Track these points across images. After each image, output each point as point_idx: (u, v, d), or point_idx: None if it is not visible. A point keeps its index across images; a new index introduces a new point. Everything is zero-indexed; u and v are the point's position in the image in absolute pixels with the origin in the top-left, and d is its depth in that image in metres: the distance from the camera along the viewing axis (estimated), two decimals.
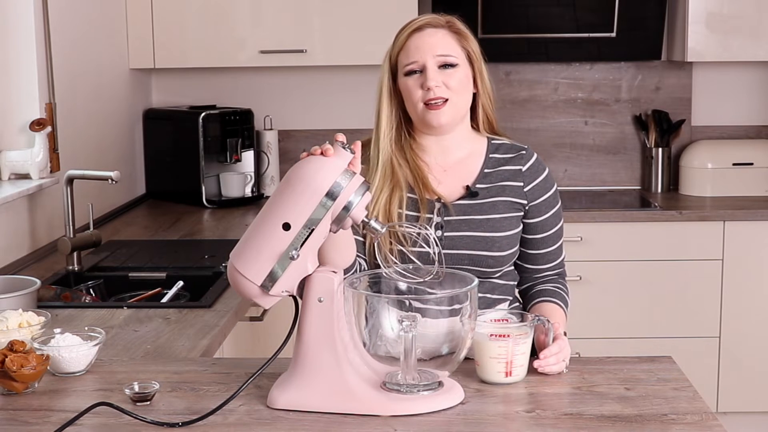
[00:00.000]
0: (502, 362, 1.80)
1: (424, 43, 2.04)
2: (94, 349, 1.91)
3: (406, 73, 2.05)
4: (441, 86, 2.02)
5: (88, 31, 3.68)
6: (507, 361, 1.80)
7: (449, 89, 2.03)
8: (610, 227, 3.92)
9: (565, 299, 2.14)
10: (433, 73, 2.02)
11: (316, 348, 1.70)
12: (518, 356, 1.82)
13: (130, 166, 4.15)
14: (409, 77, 2.04)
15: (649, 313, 3.95)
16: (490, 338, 1.81)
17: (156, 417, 1.67)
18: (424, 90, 2.03)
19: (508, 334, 1.81)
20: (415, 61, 2.03)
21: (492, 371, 1.82)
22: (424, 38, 2.04)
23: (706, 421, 1.65)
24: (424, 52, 2.03)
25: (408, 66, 2.04)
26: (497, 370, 1.81)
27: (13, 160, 3.14)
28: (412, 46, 2.04)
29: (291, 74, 4.38)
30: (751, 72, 4.38)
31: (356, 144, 1.74)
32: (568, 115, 4.45)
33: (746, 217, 3.89)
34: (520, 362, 1.82)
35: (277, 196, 1.69)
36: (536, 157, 2.14)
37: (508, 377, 1.81)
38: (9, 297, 2.26)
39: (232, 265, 1.70)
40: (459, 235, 2.05)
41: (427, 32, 2.05)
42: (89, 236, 2.98)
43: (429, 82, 2.01)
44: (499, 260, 2.06)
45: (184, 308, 2.53)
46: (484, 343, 1.81)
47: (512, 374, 1.82)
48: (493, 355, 1.81)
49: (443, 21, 2.07)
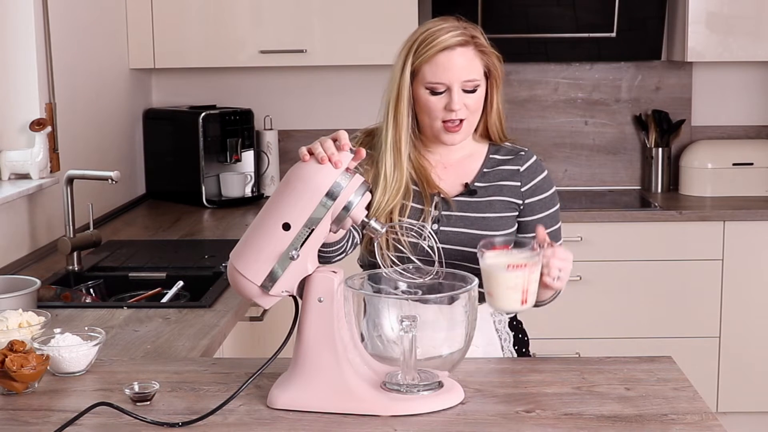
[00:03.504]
0: (518, 291, 1.85)
1: (454, 65, 2.04)
2: (94, 349, 1.91)
3: (430, 89, 2.05)
4: (463, 108, 2.06)
5: (88, 31, 3.68)
6: (524, 290, 1.85)
7: (468, 109, 2.07)
8: (610, 227, 3.92)
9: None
10: (458, 96, 2.04)
11: (316, 348, 1.70)
12: (533, 284, 1.87)
13: (130, 166, 4.15)
14: (432, 94, 2.06)
15: (649, 313, 3.95)
16: (508, 269, 1.84)
17: (156, 417, 1.67)
18: (446, 111, 2.05)
19: (525, 263, 1.85)
20: (442, 82, 2.04)
21: (509, 300, 1.86)
22: (454, 59, 2.04)
23: (706, 421, 1.65)
24: (452, 75, 2.04)
25: (434, 84, 2.05)
26: (514, 299, 1.86)
27: (13, 160, 3.14)
28: (440, 65, 2.04)
29: (291, 74, 4.38)
30: (751, 72, 4.38)
31: (359, 150, 1.73)
32: (568, 115, 4.45)
33: (746, 217, 3.89)
34: (534, 289, 1.88)
35: (277, 196, 1.69)
36: (535, 159, 2.18)
37: (524, 305, 1.87)
38: (9, 297, 2.26)
39: (232, 265, 1.70)
40: (454, 230, 2.08)
41: (457, 52, 2.04)
42: (89, 236, 2.98)
43: (454, 106, 2.04)
44: None
45: (184, 308, 2.53)
46: (501, 275, 1.85)
47: (527, 302, 1.87)
48: (510, 286, 1.85)
49: (470, 36, 2.06)
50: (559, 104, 4.45)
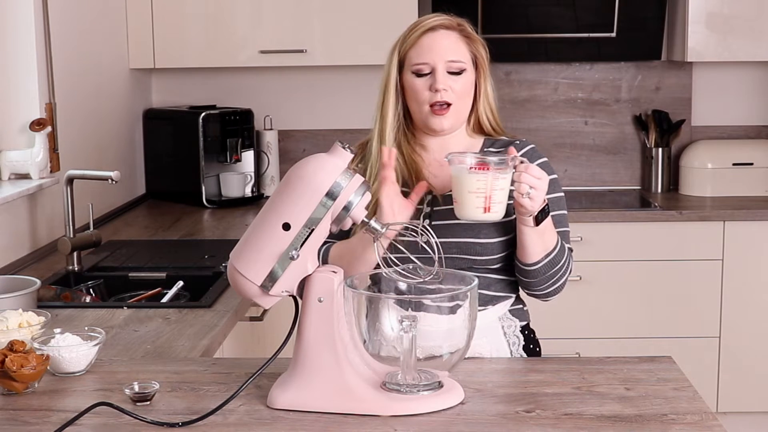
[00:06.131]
0: (480, 197, 1.83)
1: (438, 45, 2.06)
2: (94, 349, 1.91)
3: (415, 72, 2.07)
4: (448, 90, 2.05)
5: (88, 31, 3.68)
6: (486, 196, 1.82)
7: (454, 93, 2.06)
8: (610, 227, 3.92)
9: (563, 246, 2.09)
10: (442, 77, 2.05)
11: (316, 348, 1.70)
12: (497, 192, 1.84)
13: (130, 166, 4.15)
14: (418, 77, 2.07)
15: (649, 313, 3.95)
16: (470, 171, 1.83)
17: (156, 417, 1.67)
18: (431, 92, 2.06)
19: (488, 167, 1.83)
20: (426, 62, 2.06)
21: (471, 206, 1.85)
22: (438, 40, 2.07)
23: (706, 421, 1.65)
24: (436, 55, 2.06)
25: (418, 66, 2.06)
26: (476, 206, 1.84)
27: (13, 160, 3.14)
28: (425, 46, 2.06)
29: (291, 74, 4.38)
30: (751, 72, 4.38)
31: (386, 150, 1.75)
32: (568, 115, 4.45)
33: (746, 217, 3.89)
34: (499, 198, 1.85)
35: (277, 196, 1.69)
36: (532, 147, 2.15)
37: (486, 213, 1.84)
38: (9, 297, 2.26)
39: (232, 265, 1.70)
40: (446, 223, 2.06)
41: (441, 34, 2.07)
42: (89, 236, 2.98)
43: (438, 85, 2.04)
44: (487, 248, 2.06)
45: (184, 308, 2.53)
46: (463, 176, 1.84)
47: (490, 210, 1.84)
48: (472, 190, 1.83)
49: (455, 23, 2.09)
50: (559, 104, 4.45)
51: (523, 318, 2.16)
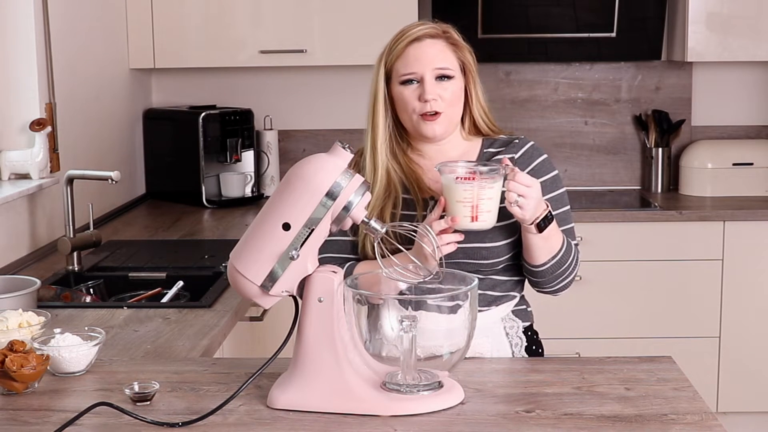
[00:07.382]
0: (467, 206, 1.84)
1: (424, 54, 2.05)
2: (94, 349, 1.91)
3: (403, 82, 2.06)
4: (437, 99, 2.04)
5: (88, 31, 3.68)
6: (473, 205, 1.83)
7: (443, 101, 2.05)
8: (610, 227, 3.92)
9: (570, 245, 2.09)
10: (430, 86, 2.04)
11: (316, 348, 1.70)
12: (484, 201, 1.85)
13: (130, 166, 4.15)
14: (406, 87, 2.06)
15: (649, 313, 3.95)
16: (456, 181, 1.85)
17: (156, 417, 1.67)
18: (420, 102, 2.05)
19: (474, 176, 1.85)
20: (414, 72, 2.05)
21: (459, 215, 1.86)
22: (424, 49, 2.06)
23: (706, 421, 1.65)
24: (423, 64, 2.05)
25: (406, 76, 2.06)
26: (463, 215, 1.85)
27: (13, 160, 3.14)
28: (411, 57, 2.05)
29: (291, 74, 4.38)
30: (751, 72, 4.38)
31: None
32: (568, 115, 4.45)
33: (746, 217, 3.89)
34: (487, 207, 1.86)
35: (277, 196, 1.69)
36: (531, 144, 2.14)
37: (474, 222, 1.85)
38: (9, 297, 2.26)
39: (232, 265, 1.70)
40: None
41: (427, 43, 2.06)
42: (89, 236, 2.98)
43: (427, 95, 2.04)
44: (493, 251, 2.06)
45: (184, 308, 2.53)
46: (451, 186, 1.86)
47: (478, 219, 1.85)
48: (460, 199, 1.84)
49: (440, 31, 2.09)
50: (559, 104, 4.45)
51: (526, 319, 2.16)
